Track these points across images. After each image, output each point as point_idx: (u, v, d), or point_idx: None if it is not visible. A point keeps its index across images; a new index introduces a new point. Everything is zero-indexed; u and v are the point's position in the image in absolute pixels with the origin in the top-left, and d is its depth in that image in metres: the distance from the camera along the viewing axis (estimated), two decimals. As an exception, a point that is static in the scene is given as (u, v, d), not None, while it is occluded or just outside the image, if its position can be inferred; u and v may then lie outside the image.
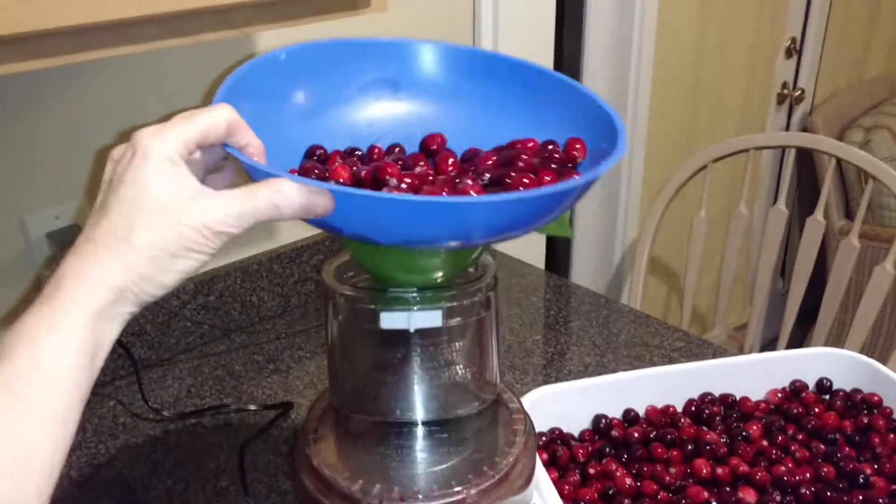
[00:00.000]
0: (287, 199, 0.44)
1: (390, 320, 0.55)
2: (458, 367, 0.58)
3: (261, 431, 0.95)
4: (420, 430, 0.57)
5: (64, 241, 0.95)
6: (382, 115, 0.61)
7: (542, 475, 0.63)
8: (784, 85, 2.18)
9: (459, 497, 0.51)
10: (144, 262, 0.42)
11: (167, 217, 0.43)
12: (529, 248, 1.52)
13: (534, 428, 0.60)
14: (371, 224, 0.46)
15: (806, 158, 2.17)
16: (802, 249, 1.48)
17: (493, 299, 0.58)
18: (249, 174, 0.48)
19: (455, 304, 0.55)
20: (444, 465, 0.54)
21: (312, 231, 1.21)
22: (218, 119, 0.46)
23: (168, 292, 0.45)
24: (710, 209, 1.51)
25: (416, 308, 0.55)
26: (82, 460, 0.91)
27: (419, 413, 0.57)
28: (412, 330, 0.55)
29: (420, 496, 0.51)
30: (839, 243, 1.43)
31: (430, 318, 0.55)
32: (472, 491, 0.52)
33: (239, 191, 0.44)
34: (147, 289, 0.43)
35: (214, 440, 0.94)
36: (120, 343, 1.01)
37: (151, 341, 1.07)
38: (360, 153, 0.58)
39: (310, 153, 0.56)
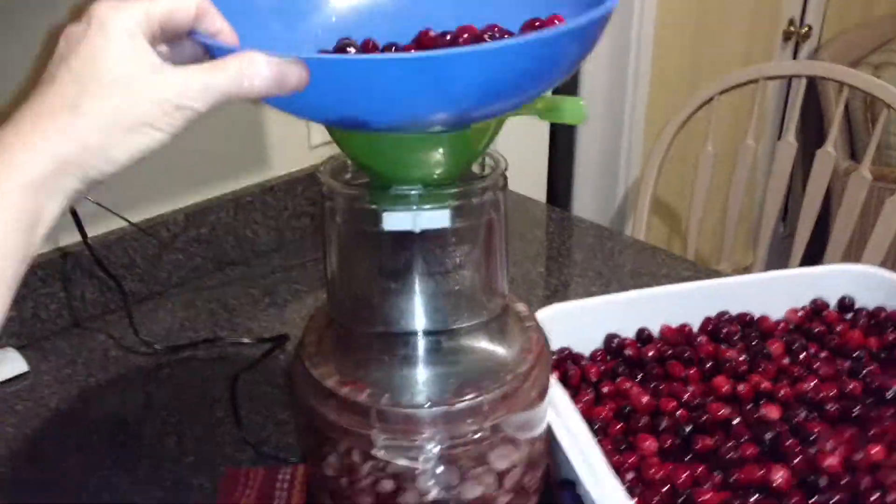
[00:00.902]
0: (256, 70, 0.40)
1: (394, 221, 0.51)
2: (465, 272, 0.54)
3: (256, 363, 0.92)
4: (427, 341, 0.53)
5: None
6: (370, 8, 0.56)
7: (557, 390, 0.60)
8: (790, 22, 2.12)
9: (471, 403, 0.48)
10: (93, 132, 0.38)
11: (124, 89, 0.38)
12: (531, 182, 1.47)
13: (547, 341, 0.57)
14: (349, 98, 0.42)
15: (811, 96, 2.12)
16: (811, 186, 1.44)
17: (503, 200, 0.54)
18: None
19: (463, 202, 0.51)
20: (454, 374, 0.51)
21: (306, 161, 1.17)
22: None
23: (118, 170, 0.40)
24: (715, 144, 1.46)
25: (421, 207, 0.51)
26: (73, 394, 0.88)
27: (424, 322, 0.53)
28: (417, 231, 0.51)
29: (430, 403, 0.47)
30: (847, 182, 1.38)
31: (436, 219, 0.51)
32: (485, 397, 0.48)
33: (204, 64, 0.40)
34: (94, 162, 0.39)
35: (208, 373, 0.90)
36: (110, 275, 0.97)
37: (142, 274, 1.03)
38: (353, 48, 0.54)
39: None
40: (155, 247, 1.03)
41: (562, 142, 1.72)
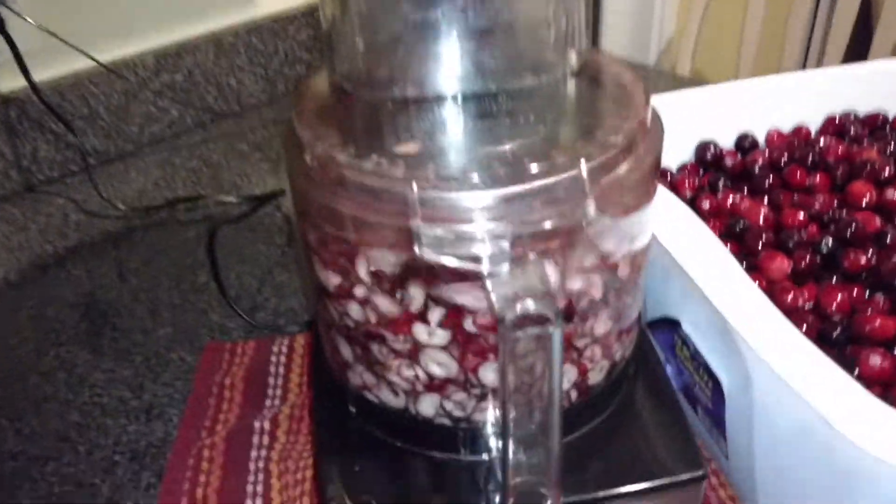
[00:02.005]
0: None
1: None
2: (525, 10, 0.36)
3: (242, 217, 0.75)
4: (476, 104, 0.36)
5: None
6: None
7: (664, 191, 0.42)
8: None
9: (567, 175, 0.30)
10: None
11: None
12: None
13: (658, 115, 0.38)
14: None
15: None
16: None
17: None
18: None
19: None
20: (520, 144, 0.33)
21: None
22: None
23: None
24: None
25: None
26: (23, 262, 0.72)
27: (473, 81, 0.35)
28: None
29: (504, 174, 0.30)
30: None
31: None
32: (588, 165, 0.30)
33: None
34: None
35: (190, 234, 0.74)
36: (66, 125, 0.79)
37: (107, 129, 0.85)
38: None
39: None
40: (121, 95, 0.85)
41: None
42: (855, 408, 0.32)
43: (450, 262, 0.29)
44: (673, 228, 0.42)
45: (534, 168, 0.30)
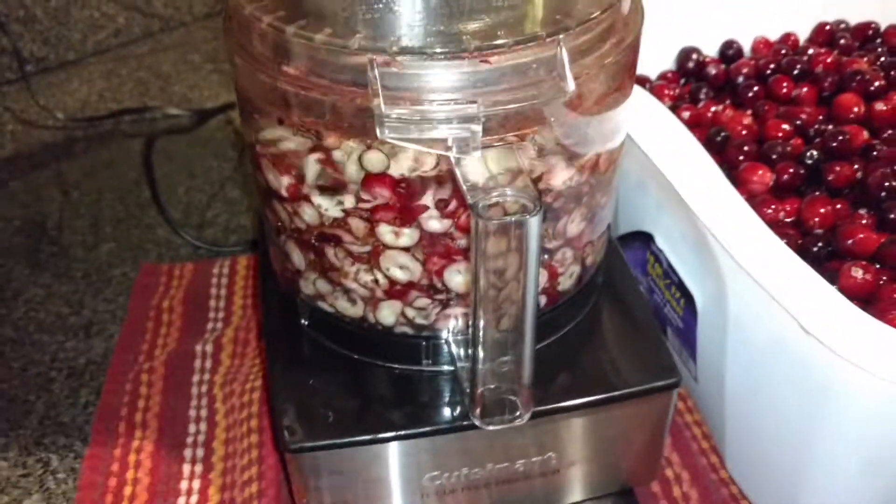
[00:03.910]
0: None
1: None
2: None
3: (190, 129, 0.71)
4: None
5: None
6: None
7: (640, 92, 0.39)
8: None
9: (533, 54, 0.26)
10: None
11: None
12: None
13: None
14: None
15: None
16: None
17: None
18: None
19: None
20: (506, 13, 0.30)
21: None
22: None
23: None
24: None
25: None
26: (-45, 173, 0.67)
27: None
28: None
29: (474, 48, 0.26)
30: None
31: None
32: (565, 39, 0.27)
33: None
34: None
35: (135, 147, 0.69)
36: (2, 30, 0.73)
37: (46, 35, 0.79)
38: None
39: None
40: (59, -3, 0.78)
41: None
42: (833, 315, 0.30)
43: (414, 146, 0.26)
44: (652, 133, 0.39)
45: (508, 42, 0.26)
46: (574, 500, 0.38)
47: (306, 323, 0.37)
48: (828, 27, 0.53)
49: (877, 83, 0.47)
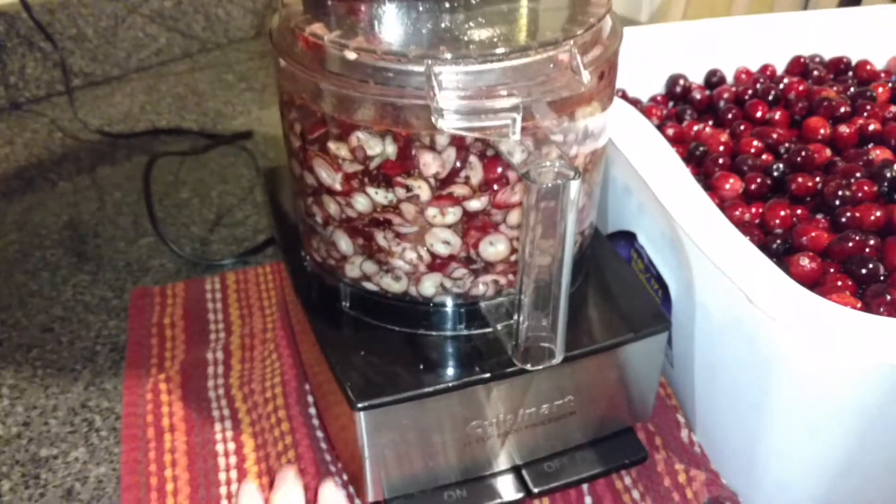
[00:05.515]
0: None
1: None
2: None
3: (201, 151, 0.77)
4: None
5: None
6: None
7: (621, 103, 0.45)
8: None
9: (560, 48, 0.32)
10: None
11: None
12: None
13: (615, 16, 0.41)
14: None
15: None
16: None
17: None
18: None
19: None
20: (515, 23, 0.35)
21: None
22: None
23: None
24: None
25: None
26: (9, 173, 0.73)
27: None
28: None
29: (510, 49, 0.32)
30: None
31: None
32: (576, 39, 0.33)
33: None
34: None
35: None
36: (53, 44, 0.81)
37: (94, 52, 0.86)
38: None
39: None
40: (109, 18, 0.86)
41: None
42: (780, 292, 0.35)
43: (468, 134, 0.32)
44: (638, 145, 0.44)
45: (532, 43, 0.32)
46: (587, 440, 0.44)
47: (347, 305, 0.42)
48: (802, 60, 0.59)
49: (842, 109, 0.52)
